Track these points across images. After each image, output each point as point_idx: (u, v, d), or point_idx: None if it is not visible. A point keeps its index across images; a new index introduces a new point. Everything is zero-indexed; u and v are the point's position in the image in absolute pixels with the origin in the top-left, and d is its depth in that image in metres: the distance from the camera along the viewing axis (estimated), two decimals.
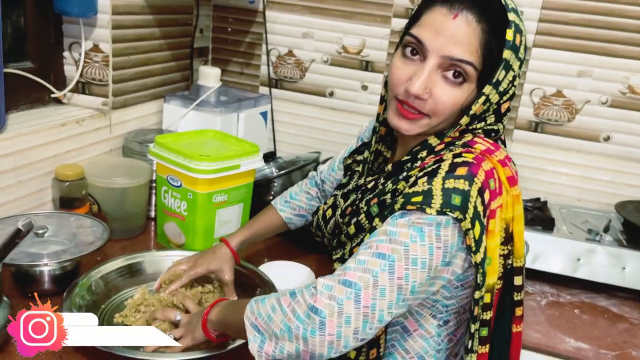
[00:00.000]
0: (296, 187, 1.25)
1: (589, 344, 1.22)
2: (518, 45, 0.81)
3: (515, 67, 0.82)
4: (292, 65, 1.89)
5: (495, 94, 0.82)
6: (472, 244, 0.77)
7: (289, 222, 1.22)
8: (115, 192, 1.37)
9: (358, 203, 0.92)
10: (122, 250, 1.32)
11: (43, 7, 1.41)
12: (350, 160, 1.08)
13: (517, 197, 0.85)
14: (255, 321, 0.80)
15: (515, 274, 0.88)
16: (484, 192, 0.80)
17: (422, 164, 0.85)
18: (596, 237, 1.44)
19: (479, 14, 0.79)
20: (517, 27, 0.81)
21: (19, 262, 1.05)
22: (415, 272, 0.76)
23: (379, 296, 0.75)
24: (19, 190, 1.28)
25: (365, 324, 0.75)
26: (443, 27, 0.80)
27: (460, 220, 0.76)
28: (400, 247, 0.76)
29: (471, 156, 0.82)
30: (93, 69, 1.50)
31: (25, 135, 1.27)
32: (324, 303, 0.74)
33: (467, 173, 0.79)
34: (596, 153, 1.68)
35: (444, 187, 0.78)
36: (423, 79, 0.81)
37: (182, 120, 1.65)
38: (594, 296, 1.42)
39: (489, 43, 0.80)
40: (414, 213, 0.77)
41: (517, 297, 0.90)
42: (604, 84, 1.63)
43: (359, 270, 0.76)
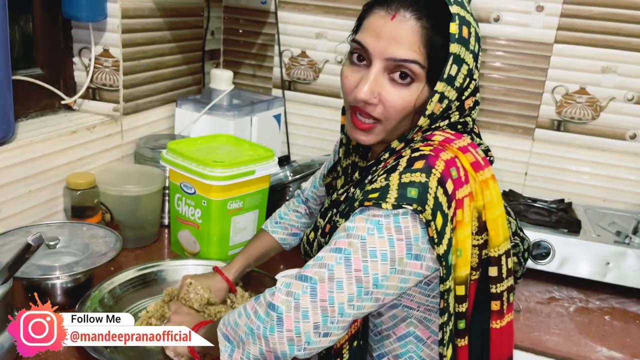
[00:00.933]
0: (284, 207, 1.22)
1: (621, 353, 1.17)
2: (466, 38, 0.79)
3: (469, 60, 0.80)
4: (305, 66, 1.85)
5: (451, 90, 0.80)
6: (434, 236, 0.75)
7: (283, 242, 1.19)
8: (128, 200, 1.34)
9: (334, 218, 0.90)
10: (135, 260, 1.29)
11: (52, 12, 1.39)
12: (329, 179, 1.04)
13: (485, 183, 0.81)
14: (225, 331, 0.81)
15: (490, 265, 0.82)
16: (446, 182, 0.77)
17: (385, 164, 0.84)
18: (625, 239, 1.38)
19: (417, 11, 0.78)
20: (462, 19, 0.79)
21: (31, 276, 1.02)
22: (375, 264, 0.74)
23: (335, 289, 0.74)
24: (30, 200, 1.25)
25: (325, 318, 0.74)
26: (383, 29, 0.79)
27: (419, 212, 0.74)
28: (357, 241, 0.75)
29: (428, 148, 0.80)
30: (103, 74, 1.47)
31: (36, 143, 1.25)
32: (282, 299, 0.75)
33: (424, 165, 0.77)
34: (622, 152, 1.62)
35: (401, 181, 0.76)
36: (369, 83, 0.80)
37: (195, 125, 1.61)
38: (624, 301, 1.36)
39: (431, 39, 0.78)
40: (371, 209, 0.76)
41: (494, 290, 0.83)
42: (630, 79, 1.57)
43: (316, 266, 0.76)
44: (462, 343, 0.83)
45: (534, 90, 1.65)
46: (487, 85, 1.68)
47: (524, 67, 1.65)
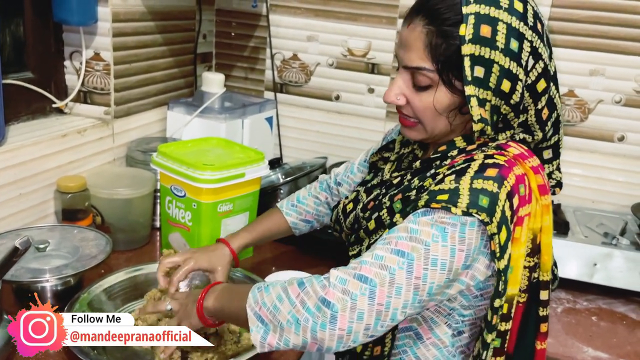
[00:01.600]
0: (304, 191, 1.21)
1: (608, 353, 1.18)
2: (489, 37, 0.77)
3: (499, 59, 0.77)
4: (297, 69, 1.86)
5: (487, 93, 0.79)
6: (496, 249, 0.75)
7: (294, 227, 1.18)
8: (119, 202, 1.35)
9: (381, 198, 0.90)
10: (126, 262, 1.30)
11: (43, 16, 1.39)
12: (377, 157, 1.05)
13: (546, 207, 0.83)
14: (259, 311, 0.77)
15: (541, 288, 0.85)
16: (513, 196, 0.77)
17: (452, 162, 0.83)
18: (613, 240, 1.40)
19: (426, 18, 0.80)
20: (481, 17, 0.77)
21: (20, 279, 1.03)
22: (435, 273, 0.74)
23: (394, 294, 0.73)
24: (21, 203, 1.26)
25: (377, 321, 0.73)
26: (402, 39, 0.84)
27: (486, 223, 0.73)
28: (421, 246, 0.74)
29: (503, 159, 0.80)
30: (94, 78, 1.47)
31: (26, 147, 1.25)
32: (337, 297, 0.72)
33: (497, 175, 0.77)
34: (610, 153, 1.63)
35: (472, 186, 0.75)
36: (392, 87, 0.86)
37: (187, 128, 1.62)
38: (612, 302, 1.38)
39: (431, 42, 0.80)
40: (438, 211, 0.75)
41: (543, 313, 0.86)
42: (618, 82, 1.58)
43: (376, 266, 0.74)
44: None
45: None
46: None
47: None
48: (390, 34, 1.73)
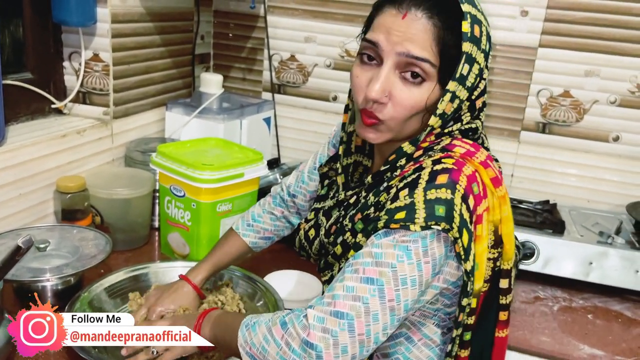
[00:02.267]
0: (258, 208, 1.17)
1: (603, 351, 1.19)
2: (478, 37, 0.79)
3: (480, 59, 0.80)
4: (294, 70, 1.87)
5: (462, 89, 0.79)
6: (461, 252, 0.75)
7: (254, 246, 1.15)
8: (118, 203, 1.35)
9: (342, 220, 0.88)
10: (125, 262, 1.30)
11: (42, 17, 1.40)
12: (326, 168, 1.01)
13: (503, 198, 0.82)
14: (250, 350, 0.78)
15: (501, 277, 0.85)
16: (468, 198, 0.77)
17: (402, 173, 0.82)
18: (608, 239, 1.41)
19: (428, 10, 0.77)
20: (473, 17, 0.78)
21: (21, 278, 1.03)
22: (406, 291, 0.74)
23: (372, 322, 0.73)
24: (21, 204, 1.26)
25: (362, 349, 0.74)
26: (394, 27, 0.78)
27: (447, 231, 0.74)
28: (388, 270, 0.74)
29: (451, 161, 0.79)
30: (93, 79, 1.48)
31: (26, 147, 1.26)
32: (318, 337, 0.73)
33: (448, 180, 0.76)
34: (606, 153, 1.65)
35: (426, 198, 0.75)
36: (381, 81, 0.79)
37: (185, 128, 1.63)
38: (607, 300, 1.39)
39: (443, 37, 0.77)
40: (398, 231, 0.75)
41: (503, 301, 0.86)
42: (612, 83, 1.60)
43: (349, 299, 0.74)
44: (464, 354, 0.84)
45: (519, 94, 1.68)
46: None
47: (509, 71, 1.67)
48: None
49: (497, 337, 0.88)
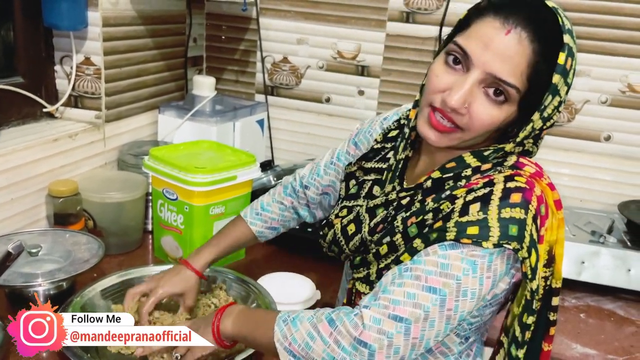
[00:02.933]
0: (268, 197, 1.15)
1: (596, 350, 1.20)
2: (568, 70, 0.76)
3: (563, 92, 0.77)
4: (287, 71, 1.87)
5: (539, 120, 0.78)
6: (528, 272, 0.76)
7: (260, 235, 1.13)
8: (111, 206, 1.35)
9: (392, 221, 0.86)
10: (118, 266, 1.30)
11: (33, 21, 1.39)
12: (355, 168, 0.98)
13: (561, 221, 0.84)
14: (289, 346, 0.78)
15: (553, 295, 0.87)
16: (537, 218, 0.78)
17: (469, 185, 0.81)
18: (600, 238, 1.42)
19: (532, 33, 0.74)
20: (570, 50, 0.75)
21: (13, 284, 1.03)
22: (465, 303, 0.76)
23: (428, 328, 0.75)
24: (13, 208, 1.26)
25: (411, 352, 0.76)
26: (493, 41, 0.74)
27: (517, 251, 0.75)
28: (453, 282, 0.74)
29: (523, 180, 0.78)
30: (85, 82, 1.48)
31: (18, 151, 1.25)
32: (373, 337, 0.74)
33: (522, 200, 0.76)
34: (597, 153, 1.66)
35: (500, 216, 0.75)
36: (463, 92, 0.76)
37: (178, 131, 1.63)
38: (599, 299, 1.40)
39: (537, 66, 0.75)
40: (468, 246, 0.75)
41: (552, 317, 0.88)
42: (603, 83, 1.61)
43: (410, 305, 0.74)
44: None
45: None
46: None
47: None
48: (379, 36, 1.74)
49: (544, 350, 0.89)
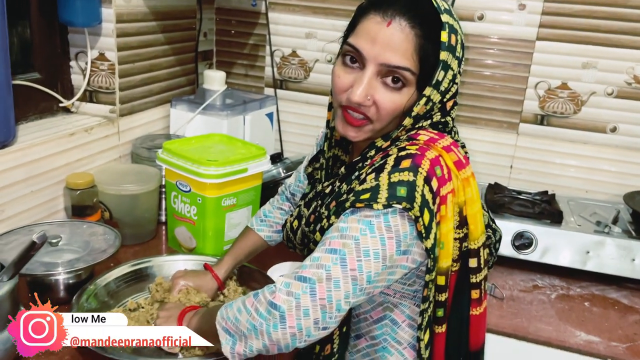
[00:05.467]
0: (268, 205, 1.26)
1: (599, 337, 1.23)
2: (454, 45, 0.83)
3: (454, 65, 0.84)
4: (296, 65, 1.90)
5: (436, 93, 0.84)
6: (422, 230, 0.80)
7: (268, 240, 1.22)
8: (126, 198, 1.39)
9: (319, 209, 0.95)
10: (133, 256, 1.33)
11: (48, 18, 1.43)
12: (310, 169, 1.09)
13: (467, 181, 0.87)
14: (225, 325, 0.84)
15: (470, 256, 0.89)
16: (431, 180, 0.82)
17: (372, 162, 0.88)
18: (605, 229, 1.44)
19: (411, 19, 0.81)
20: (451, 27, 0.83)
21: (35, 272, 1.07)
22: (369, 263, 0.79)
23: (333, 288, 0.78)
24: (32, 200, 1.30)
25: (324, 314, 0.79)
26: (378, 35, 0.82)
27: (408, 210, 0.79)
28: (351, 242, 0.79)
29: (415, 147, 0.84)
30: (100, 78, 1.51)
31: (36, 145, 1.29)
32: (283, 299, 0.78)
33: (411, 164, 0.82)
34: (603, 144, 1.67)
35: (390, 181, 0.80)
36: (363, 86, 0.83)
37: (189, 124, 1.66)
38: (604, 288, 1.42)
39: (423, 47, 0.82)
40: (362, 210, 0.80)
41: (474, 280, 0.90)
42: (609, 75, 1.62)
43: (314, 267, 0.80)
44: (440, 330, 0.89)
45: (517, 86, 1.71)
46: (473, 81, 1.73)
47: (507, 64, 1.70)
48: None
49: (472, 314, 0.92)
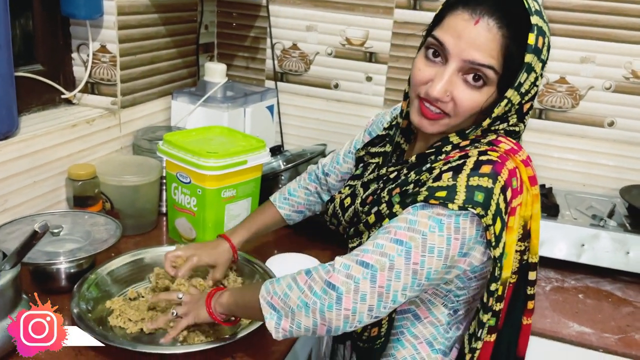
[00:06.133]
0: (294, 183, 1.26)
1: (592, 328, 1.25)
2: (540, 48, 0.81)
3: (538, 68, 0.83)
4: (296, 58, 1.91)
5: (516, 95, 0.83)
6: (492, 239, 0.80)
7: (287, 218, 1.24)
8: (127, 189, 1.41)
9: (379, 192, 0.93)
10: (134, 246, 1.35)
11: (50, 10, 1.44)
12: (363, 152, 1.07)
13: (536, 197, 0.88)
14: (271, 300, 0.84)
15: (530, 269, 0.92)
16: (507, 190, 0.82)
17: (447, 158, 0.87)
18: (600, 222, 1.45)
19: (500, 20, 0.80)
20: (540, 29, 0.81)
21: (37, 261, 1.09)
22: (432, 260, 0.79)
23: (394, 278, 0.79)
24: (34, 191, 1.32)
25: (379, 303, 0.80)
26: (464, 32, 0.81)
27: (481, 216, 0.79)
28: (419, 236, 0.79)
29: (496, 155, 0.84)
30: (101, 70, 1.53)
31: (38, 137, 1.31)
32: (341, 280, 0.79)
33: (491, 171, 0.81)
34: (601, 138, 1.68)
35: (468, 184, 0.80)
36: (443, 82, 0.83)
37: (190, 116, 1.68)
38: (599, 281, 1.44)
39: (509, 48, 0.80)
40: (435, 207, 0.80)
41: (530, 292, 0.93)
42: (607, 69, 1.63)
43: (377, 254, 0.80)
44: (489, 339, 0.90)
45: None
46: None
47: None
48: (387, 23, 1.77)
49: (524, 324, 0.95)
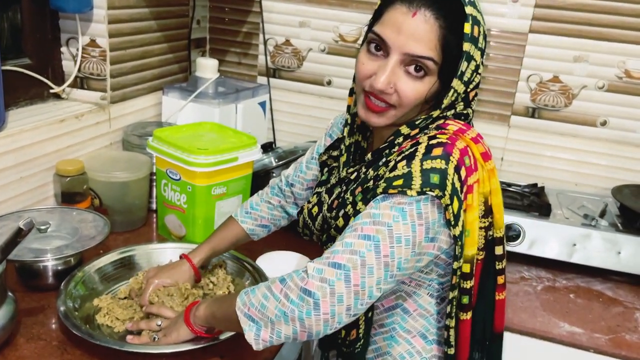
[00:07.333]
0: (256, 197, 1.23)
1: (582, 328, 1.24)
2: (477, 36, 0.85)
3: (477, 56, 0.86)
4: (289, 54, 1.90)
5: (460, 84, 0.86)
6: (451, 218, 0.82)
7: (251, 233, 1.21)
8: (116, 185, 1.39)
9: (343, 195, 0.95)
10: (123, 243, 1.34)
11: (39, 3, 1.42)
12: (325, 157, 1.09)
13: (492, 171, 0.90)
14: (248, 311, 0.84)
15: (495, 244, 0.93)
16: (460, 169, 0.84)
17: (400, 148, 0.90)
18: (592, 222, 1.45)
19: (436, 11, 0.83)
20: (474, 19, 0.84)
21: (23, 258, 1.08)
22: (400, 249, 0.80)
23: (367, 274, 0.80)
24: (21, 187, 1.30)
25: (357, 301, 0.80)
26: (403, 25, 0.83)
27: (439, 197, 0.81)
28: (384, 228, 0.80)
29: (445, 137, 0.86)
30: (91, 64, 1.51)
31: (26, 132, 1.29)
32: (316, 285, 0.79)
33: (443, 153, 0.83)
34: (593, 138, 1.68)
35: (422, 168, 0.82)
36: (386, 74, 0.85)
37: (181, 112, 1.66)
38: (589, 280, 1.44)
39: (446, 38, 0.83)
40: (395, 196, 0.82)
41: (499, 266, 0.94)
42: (601, 68, 1.63)
43: (347, 252, 0.80)
44: (465, 317, 0.91)
45: (509, 78, 1.71)
46: None
47: (500, 56, 1.70)
48: None
49: (497, 299, 0.96)
